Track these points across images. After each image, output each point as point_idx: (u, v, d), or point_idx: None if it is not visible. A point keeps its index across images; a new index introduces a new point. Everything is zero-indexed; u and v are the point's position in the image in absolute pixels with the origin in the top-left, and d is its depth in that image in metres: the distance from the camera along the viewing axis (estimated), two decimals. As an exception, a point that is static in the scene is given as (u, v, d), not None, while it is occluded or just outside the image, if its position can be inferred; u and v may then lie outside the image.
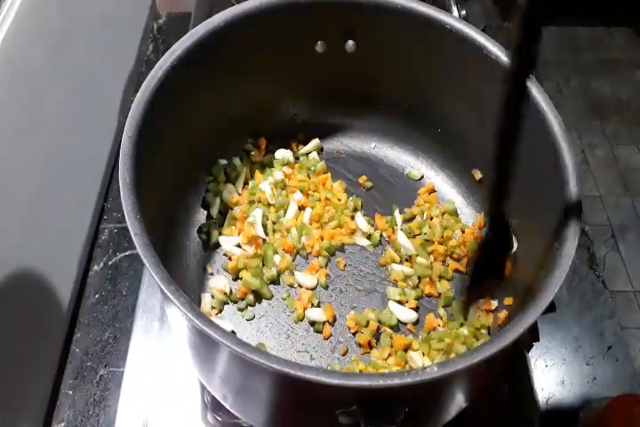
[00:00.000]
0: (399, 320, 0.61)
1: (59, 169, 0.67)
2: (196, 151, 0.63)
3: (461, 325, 0.61)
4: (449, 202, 0.69)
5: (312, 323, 0.61)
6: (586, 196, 0.42)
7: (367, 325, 0.60)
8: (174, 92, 0.52)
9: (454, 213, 0.68)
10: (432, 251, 0.65)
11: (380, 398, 0.39)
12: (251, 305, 0.62)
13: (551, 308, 0.42)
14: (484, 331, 0.60)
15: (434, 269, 0.64)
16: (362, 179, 0.71)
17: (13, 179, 0.58)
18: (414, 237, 0.67)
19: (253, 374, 0.43)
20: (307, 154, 0.72)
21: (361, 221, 0.67)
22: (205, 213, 0.66)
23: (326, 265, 0.65)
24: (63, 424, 0.64)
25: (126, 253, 0.75)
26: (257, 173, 0.69)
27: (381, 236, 0.67)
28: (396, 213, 0.68)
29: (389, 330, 0.61)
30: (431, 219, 0.68)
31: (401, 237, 0.66)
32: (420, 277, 0.64)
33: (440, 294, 0.63)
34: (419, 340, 0.60)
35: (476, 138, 0.63)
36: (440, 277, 0.64)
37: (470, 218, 0.68)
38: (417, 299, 0.63)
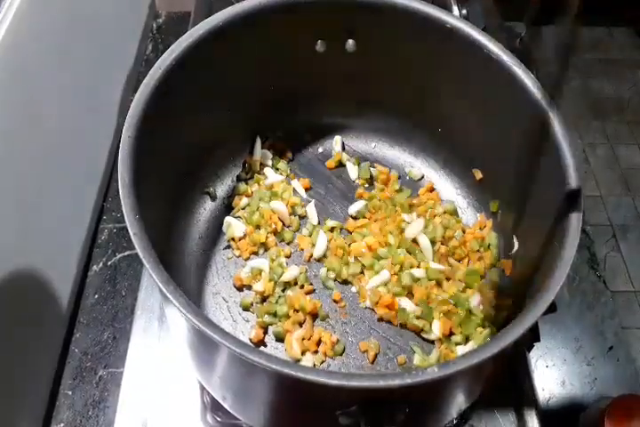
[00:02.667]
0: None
1: (58, 169, 0.67)
2: (195, 151, 0.63)
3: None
4: (449, 202, 0.69)
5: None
6: (586, 196, 0.42)
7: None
8: (173, 91, 0.52)
9: (454, 213, 0.68)
10: (434, 251, 0.65)
11: (381, 399, 0.39)
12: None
13: (552, 308, 0.42)
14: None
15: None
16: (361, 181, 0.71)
17: (12, 179, 0.58)
18: None
19: (253, 374, 0.42)
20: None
21: None
22: (204, 210, 0.67)
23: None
24: (62, 425, 0.64)
25: (125, 254, 0.75)
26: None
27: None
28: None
29: None
30: (434, 217, 0.67)
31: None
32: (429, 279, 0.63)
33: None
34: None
35: (476, 138, 0.63)
36: (447, 279, 0.64)
37: (471, 218, 0.68)
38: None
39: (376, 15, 0.58)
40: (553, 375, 0.68)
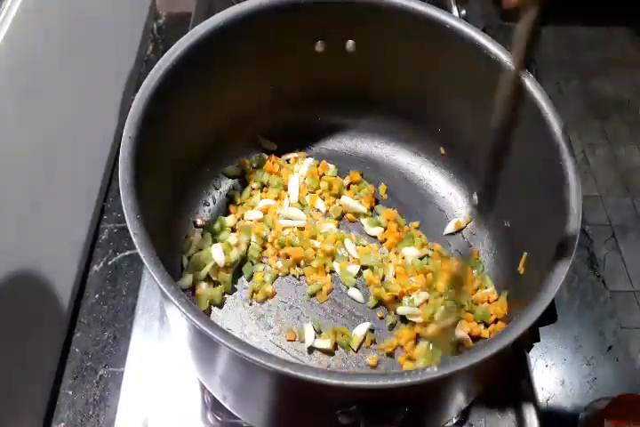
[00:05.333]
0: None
1: (58, 169, 0.67)
2: (196, 151, 0.63)
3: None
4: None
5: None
6: (586, 196, 0.42)
7: None
8: (174, 92, 0.52)
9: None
10: None
11: (380, 399, 0.39)
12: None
13: (552, 318, 0.42)
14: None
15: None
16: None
17: (13, 178, 0.58)
18: None
19: (253, 374, 0.43)
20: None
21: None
22: (204, 210, 0.67)
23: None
24: (63, 424, 0.64)
25: (126, 253, 0.75)
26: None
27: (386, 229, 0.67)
28: None
29: None
30: None
31: None
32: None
33: None
34: None
35: (477, 138, 0.63)
36: None
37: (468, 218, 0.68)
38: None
39: (376, 15, 0.58)
40: (552, 375, 0.68)
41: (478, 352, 0.39)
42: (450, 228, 0.68)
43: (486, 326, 0.61)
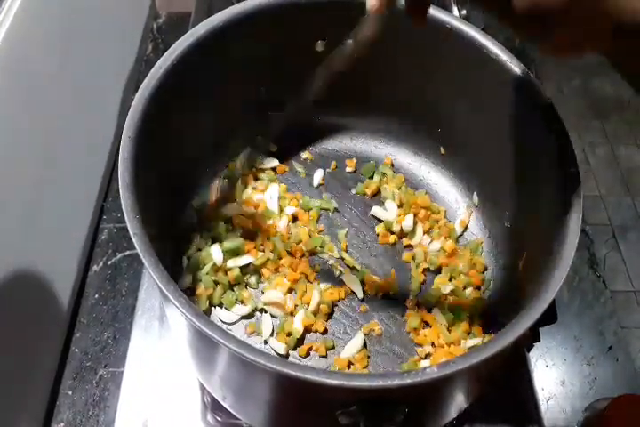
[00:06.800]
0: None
1: (58, 169, 0.67)
2: (195, 151, 0.63)
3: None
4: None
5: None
6: (586, 195, 0.42)
7: None
8: (174, 91, 0.52)
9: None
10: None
11: (380, 399, 0.39)
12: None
13: (553, 318, 0.42)
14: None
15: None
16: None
17: (13, 179, 0.58)
18: None
19: (253, 374, 0.43)
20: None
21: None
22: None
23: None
24: (62, 425, 0.64)
25: (126, 253, 0.75)
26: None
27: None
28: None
29: None
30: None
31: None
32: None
33: None
34: None
35: (477, 138, 0.63)
36: None
37: (468, 217, 0.68)
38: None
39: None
40: (553, 375, 0.68)
41: (478, 352, 0.39)
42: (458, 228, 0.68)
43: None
